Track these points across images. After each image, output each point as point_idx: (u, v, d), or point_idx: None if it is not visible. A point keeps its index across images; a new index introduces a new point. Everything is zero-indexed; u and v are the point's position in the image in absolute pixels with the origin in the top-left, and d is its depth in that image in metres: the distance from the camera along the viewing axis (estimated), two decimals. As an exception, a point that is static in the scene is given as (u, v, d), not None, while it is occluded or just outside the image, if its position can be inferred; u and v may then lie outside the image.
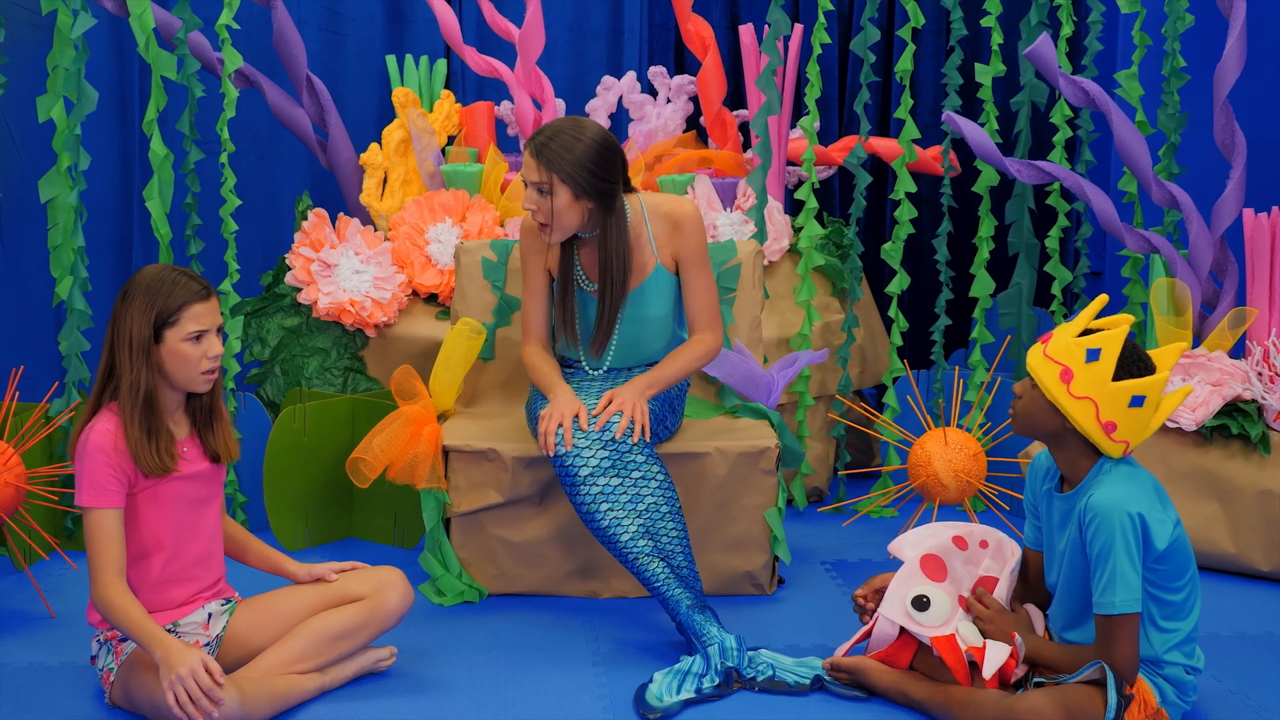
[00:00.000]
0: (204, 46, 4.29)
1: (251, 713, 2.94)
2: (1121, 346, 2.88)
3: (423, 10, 5.14)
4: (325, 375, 4.30)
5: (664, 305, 3.68)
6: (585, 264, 3.65)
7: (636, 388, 3.53)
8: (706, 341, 3.66)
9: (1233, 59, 4.01)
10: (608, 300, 3.59)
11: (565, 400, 3.48)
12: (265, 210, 5.15)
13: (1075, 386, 2.88)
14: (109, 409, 2.98)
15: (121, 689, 3.02)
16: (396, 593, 3.19)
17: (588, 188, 3.48)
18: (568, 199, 3.49)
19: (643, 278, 3.64)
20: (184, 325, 2.95)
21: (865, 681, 3.15)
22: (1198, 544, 3.92)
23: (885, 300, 5.08)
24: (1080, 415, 2.89)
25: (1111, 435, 2.90)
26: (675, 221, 3.64)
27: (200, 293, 2.96)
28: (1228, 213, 4.10)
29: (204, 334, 2.97)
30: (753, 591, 3.79)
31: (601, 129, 3.54)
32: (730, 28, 5.39)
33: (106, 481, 2.94)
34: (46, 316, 4.89)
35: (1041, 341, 2.96)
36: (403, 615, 3.22)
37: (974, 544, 3.21)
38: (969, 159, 4.98)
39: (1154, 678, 2.95)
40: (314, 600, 3.17)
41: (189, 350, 2.96)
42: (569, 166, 3.46)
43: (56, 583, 3.77)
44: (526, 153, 3.51)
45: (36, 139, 4.70)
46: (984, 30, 4.90)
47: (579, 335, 3.67)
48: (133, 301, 2.94)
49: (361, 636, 3.16)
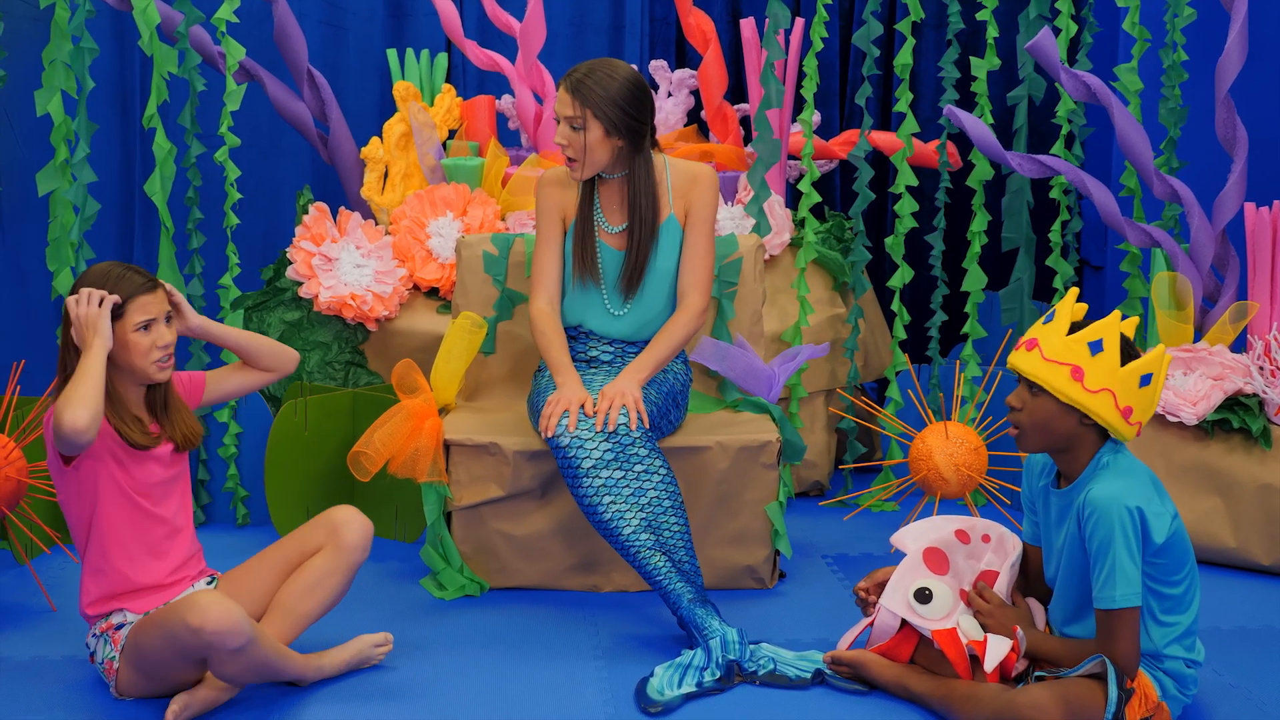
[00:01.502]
0: (205, 40, 4.29)
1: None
2: (1119, 332, 2.89)
3: (423, 4, 5.14)
4: (326, 369, 4.30)
5: (671, 258, 3.71)
6: (606, 205, 3.72)
7: (627, 377, 3.55)
8: (693, 304, 3.69)
9: (1234, 53, 4.01)
10: (637, 236, 3.66)
11: (573, 388, 3.50)
12: (266, 204, 5.15)
13: (1090, 381, 2.88)
14: None
15: (130, 668, 3.02)
16: (353, 529, 3.19)
17: (620, 125, 3.57)
18: (599, 135, 3.57)
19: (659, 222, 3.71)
20: (131, 316, 2.99)
21: (866, 675, 3.15)
22: (1198, 538, 3.92)
23: (886, 294, 5.08)
24: (1101, 408, 2.88)
25: (1129, 419, 2.90)
26: (694, 175, 3.73)
27: (145, 285, 3.02)
28: (1229, 207, 4.10)
29: (152, 323, 3.02)
30: (754, 585, 3.79)
31: (633, 70, 3.63)
32: (731, 22, 5.38)
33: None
34: (47, 311, 4.89)
35: (1026, 348, 2.94)
36: (366, 546, 3.20)
37: (976, 538, 3.21)
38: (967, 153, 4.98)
39: (1154, 671, 2.96)
40: (277, 566, 3.19)
41: (140, 340, 3.01)
42: (603, 103, 3.54)
43: (58, 576, 3.77)
44: (561, 88, 3.58)
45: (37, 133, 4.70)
46: (981, 24, 4.90)
47: (600, 276, 3.70)
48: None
49: (331, 584, 3.16)
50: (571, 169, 3.64)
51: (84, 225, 3.94)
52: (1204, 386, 3.95)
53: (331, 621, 3.37)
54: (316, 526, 3.21)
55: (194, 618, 2.84)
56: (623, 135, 3.60)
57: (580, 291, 3.73)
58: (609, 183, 3.72)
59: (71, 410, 2.83)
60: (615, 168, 3.68)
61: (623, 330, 3.74)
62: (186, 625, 2.85)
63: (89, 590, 3.06)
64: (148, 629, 2.98)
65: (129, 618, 3.04)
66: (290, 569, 3.18)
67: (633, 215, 3.67)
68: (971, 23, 5.08)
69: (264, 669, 2.99)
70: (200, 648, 2.88)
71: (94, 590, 3.05)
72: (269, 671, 3.02)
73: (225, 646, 2.87)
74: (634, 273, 3.69)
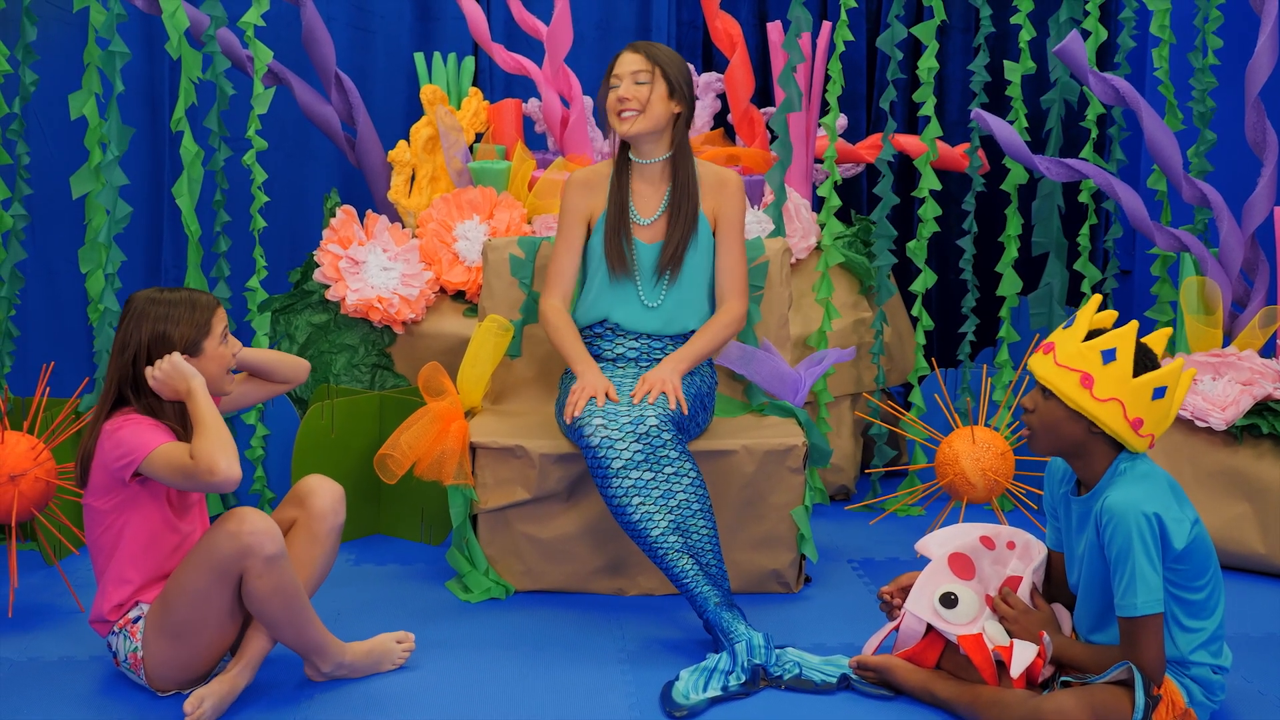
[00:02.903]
0: (233, 44, 4.31)
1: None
2: (1134, 343, 2.87)
3: (451, 7, 5.15)
4: (353, 372, 4.32)
5: (701, 254, 3.73)
6: (639, 194, 3.77)
7: (668, 365, 3.60)
8: (734, 309, 3.74)
9: (1264, 56, 3.99)
10: (680, 218, 3.71)
11: (594, 376, 3.56)
12: (293, 207, 5.17)
13: (1099, 390, 2.87)
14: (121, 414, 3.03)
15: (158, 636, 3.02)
16: (321, 495, 3.17)
17: (681, 90, 3.69)
18: (663, 92, 3.67)
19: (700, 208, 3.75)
20: (215, 329, 3.05)
21: (892, 680, 3.14)
22: (1227, 544, 3.90)
23: (910, 298, 5.07)
24: (1109, 417, 2.87)
25: (1139, 431, 2.89)
26: (721, 180, 3.79)
27: (213, 299, 3.07)
28: (1259, 211, 4.08)
29: (227, 331, 3.09)
30: (779, 590, 3.78)
31: None
32: (758, 25, 5.38)
33: (150, 427, 2.97)
34: (76, 312, 4.91)
35: (1043, 351, 2.94)
36: (339, 509, 3.18)
37: (1001, 544, 3.20)
38: (997, 157, 4.97)
39: (1181, 678, 2.94)
40: None
41: (223, 352, 3.07)
42: (670, 65, 3.70)
43: (86, 577, 3.79)
44: (627, 52, 3.70)
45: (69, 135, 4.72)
46: (1012, 28, 4.88)
47: (634, 268, 3.72)
48: (156, 324, 3.00)
49: (315, 553, 3.16)
50: (625, 121, 3.68)
51: (115, 228, 3.97)
52: (1233, 391, 3.93)
53: (357, 625, 3.38)
54: (287, 504, 3.21)
55: (233, 523, 2.91)
56: (681, 101, 3.70)
57: (611, 285, 3.74)
58: (646, 169, 3.76)
59: (225, 461, 2.86)
60: (659, 147, 3.73)
61: (653, 324, 3.74)
62: (225, 530, 2.90)
63: (110, 596, 3.06)
64: (182, 564, 2.99)
65: (143, 609, 3.06)
66: None
67: (677, 197, 3.72)
68: (1000, 26, 5.07)
69: (294, 603, 3.00)
70: (239, 553, 2.90)
71: (115, 596, 3.06)
72: (297, 607, 3.02)
73: (262, 551, 2.90)
74: (674, 257, 3.71)
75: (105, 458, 2.99)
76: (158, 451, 2.94)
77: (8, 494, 3.54)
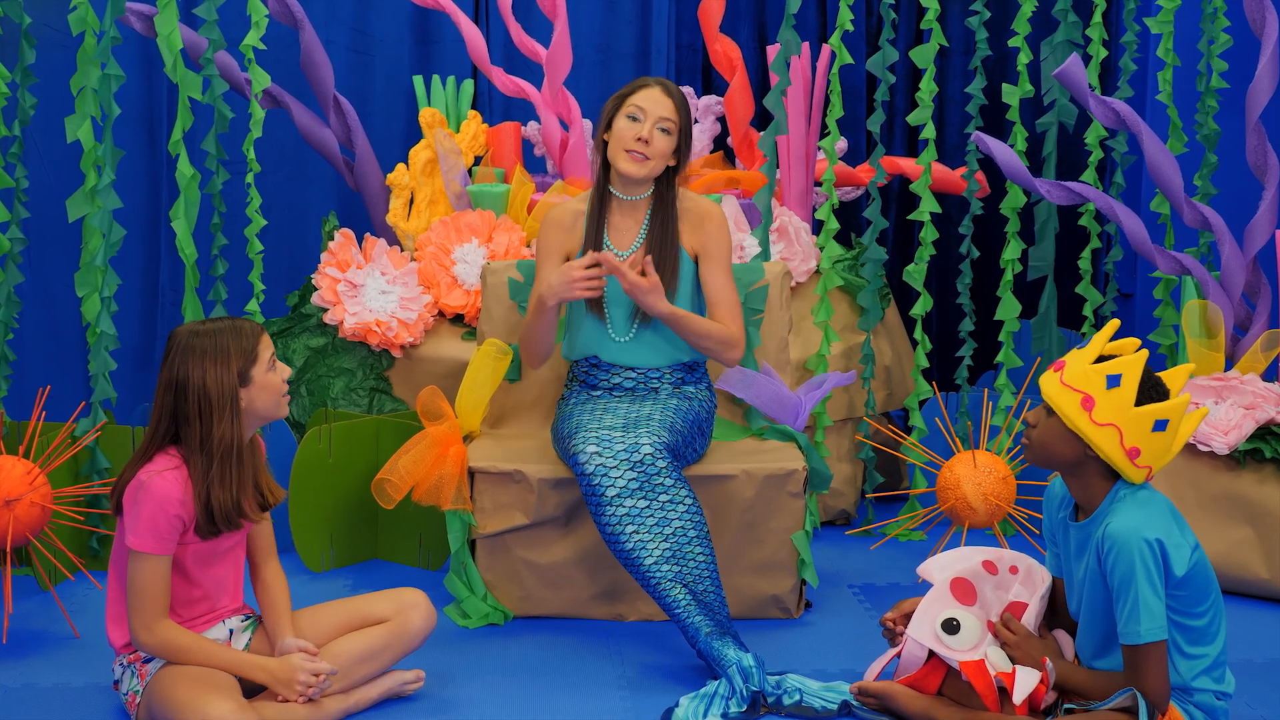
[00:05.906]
0: (231, 67, 4.31)
1: None
2: (1142, 371, 2.86)
3: (450, 30, 5.15)
4: (351, 396, 4.30)
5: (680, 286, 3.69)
6: (615, 229, 3.74)
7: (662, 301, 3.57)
8: (731, 330, 3.70)
9: (1265, 80, 3.98)
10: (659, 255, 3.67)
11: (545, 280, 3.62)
12: (291, 230, 5.15)
13: (1098, 414, 2.85)
14: (168, 454, 2.99)
15: (147, 710, 3.01)
16: (420, 614, 3.19)
17: (684, 148, 3.70)
18: (672, 147, 3.68)
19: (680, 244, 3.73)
20: (262, 356, 3.00)
21: (893, 707, 3.12)
22: (1230, 569, 3.88)
23: (909, 322, 5.05)
24: (1104, 442, 2.86)
25: (1135, 461, 2.87)
26: (701, 215, 3.75)
27: (256, 326, 3.03)
28: (1261, 234, 4.07)
29: (274, 357, 3.04)
30: (779, 615, 3.76)
31: None
32: (758, 48, 5.38)
33: (167, 531, 2.96)
34: (72, 336, 4.90)
35: (1054, 369, 2.93)
36: (426, 637, 3.22)
37: (1004, 569, 3.18)
38: (997, 180, 4.96)
39: (1185, 705, 2.92)
40: (337, 622, 3.17)
41: (273, 378, 3.03)
42: (688, 123, 3.70)
43: (81, 603, 3.77)
44: (660, 92, 3.66)
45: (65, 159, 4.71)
46: (1009, 51, 4.88)
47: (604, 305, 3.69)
48: (204, 358, 2.95)
49: (385, 659, 3.16)
50: (634, 162, 3.64)
51: (109, 251, 3.95)
52: (1235, 415, 3.91)
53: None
54: (385, 599, 3.22)
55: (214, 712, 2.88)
56: (680, 158, 3.70)
57: (586, 317, 3.73)
58: (627, 204, 3.73)
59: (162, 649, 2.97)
60: (644, 186, 3.71)
61: (636, 356, 3.71)
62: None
63: (124, 630, 3.04)
64: (168, 692, 2.95)
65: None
66: (349, 628, 3.18)
67: (658, 234, 3.69)
68: (998, 49, 5.06)
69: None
70: None
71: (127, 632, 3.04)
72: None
73: None
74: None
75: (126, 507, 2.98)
76: (147, 561, 2.94)
77: (3, 519, 3.52)
